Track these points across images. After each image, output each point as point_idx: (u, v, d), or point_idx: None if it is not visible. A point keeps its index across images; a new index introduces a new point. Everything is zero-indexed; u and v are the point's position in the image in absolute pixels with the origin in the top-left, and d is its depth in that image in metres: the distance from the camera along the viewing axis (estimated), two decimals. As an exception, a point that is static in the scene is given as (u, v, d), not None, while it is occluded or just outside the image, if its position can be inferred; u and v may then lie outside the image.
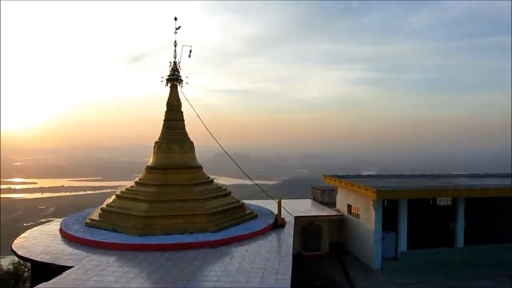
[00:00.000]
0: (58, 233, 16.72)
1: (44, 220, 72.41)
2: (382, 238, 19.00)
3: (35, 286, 10.90)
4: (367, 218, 19.73)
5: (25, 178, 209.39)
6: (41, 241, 15.68)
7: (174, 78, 19.78)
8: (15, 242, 15.51)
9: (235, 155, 24.64)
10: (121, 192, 18.60)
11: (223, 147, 20.82)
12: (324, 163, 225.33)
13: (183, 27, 19.51)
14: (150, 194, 17.37)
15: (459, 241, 19.99)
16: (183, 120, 20.15)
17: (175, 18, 19.48)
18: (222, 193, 19.03)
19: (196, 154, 20.13)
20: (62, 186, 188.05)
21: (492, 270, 18.84)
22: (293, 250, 14.99)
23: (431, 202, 23.11)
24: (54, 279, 11.30)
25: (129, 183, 19.65)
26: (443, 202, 22.74)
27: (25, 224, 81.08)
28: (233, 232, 16.48)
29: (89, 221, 17.52)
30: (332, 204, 24.88)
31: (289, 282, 11.38)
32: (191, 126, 20.37)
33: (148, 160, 19.96)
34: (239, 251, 14.45)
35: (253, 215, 19.13)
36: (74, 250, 14.45)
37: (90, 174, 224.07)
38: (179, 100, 20.01)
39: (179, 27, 19.46)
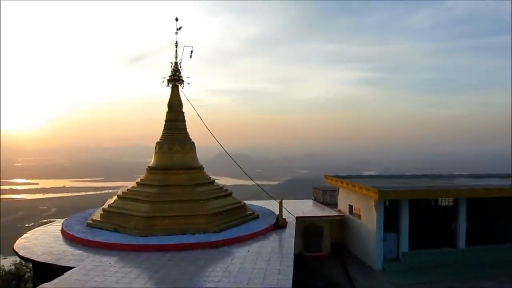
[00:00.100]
0: (60, 233, 16.76)
1: (45, 220, 72.59)
2: (384, 239, 18.98)
3: (37, 287, 10.93)
4: (369, 219, 19.71)
5: (26, 178, 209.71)
6: (42, 241, 15.71)
7: (175, 79, 19.79)
8: (17, 242, 15.54)
9: (236, 156, 24.62)
10: (122, 192, 18.62)
11: (224, 148, 20.83)
12: (324, 163, 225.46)
13: (184, 28, 19.54)
14: (151, 194, 17.38)
15: (461, 241, 19.95)
16: (185, 120, 20.17)
17: (176, 19, 19.48)
18: (223, 193, 19.04)
19: (197, 155, 20.16)
20: (64, 186, 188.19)
21: (494, 270, 18.79)
22: (294, 251, 14.98)
23: (433, 203, 23.07)
24: (56, 280, 11.33)
25: (130, 184, 19.67)
26: (445, 202, 22.69)
27: (26, 224, 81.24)
28: (234, 232, 16.48)
29: (90, 221, 17.54)
30: (333, 204, 24.87)
31: (290, 282, 11.38)
32: (192, 126, 20.42)
33: (149, 160, 19.96)
34: (241, 252, 14.45)
35: (254, 216, 19.14)
36: (75, 250, 14.47)
37: (92, 174, 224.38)
38: (180, 100, 20.02)
39: (180, 28, 19.46)
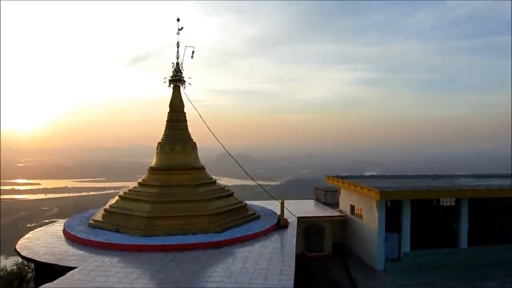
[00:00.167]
0: (62, 234, 16.79)
1: (47, 221, 72.60)
2: (385, 239, 18.94)
3: (39, 287, 10.94)
4: (370, 219, 19.69)
5: (28, 179, 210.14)
6: (44, 242, 15.75)
7: (177, 79, 19.81)
8: (19, 243, 15.59)
9: (238, 156, 24.63)
10: (124, 193, 18.64)
11: (226, 148, 20.84)
12: (324, 163, 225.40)
13: (184, 28, 19.54)
14: (153, 195, 17.40)
15: (463, 241, 19.91)
16: (186, 121, 20.19)
17: (178, 19, 19.50)
18: (225, 193, 19.04)
19: (198, 155, 20.17)
20: (66, 187, 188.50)
21: (496, 271, 18.73)
22: (296, 251, 14.98)
23: (435, 203, 23.02)
24: (58, 280, 11.36)
25: (132, 184, 19.67)
26: (447, 202, 22.64)
27: (28, 225, 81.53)
28: (236, 232, 16.49)
29: (92, 222, 17.56)
30: (335, 204, 24.84)
31: (292, 282, 11.38)
32: (194, 126, 20.44)
33: (151, 161, 19.99)
34: (242, 252, 14.46)
35: (256, 216, 19.14)
36: (77, 251, 14.50)
37: (93, 175, 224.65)
38: (182, 101, 20.03)
39: (182, 28, 19.48)
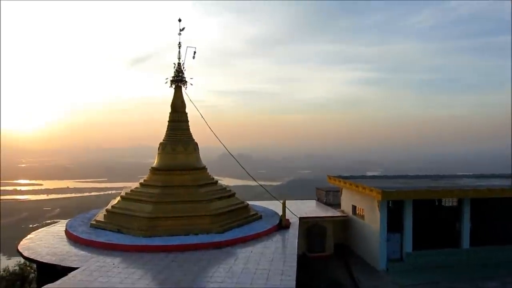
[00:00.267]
0: (64, 234, 16.81)
1: (49, 221, 72.63)
2: (387, 239, 18.92)
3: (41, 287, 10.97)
4: (372, 219, 19.67)
5: (30, 179, 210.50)
6: (46, 242, 15.77)
7: (179, 80, 19.83)
8: (21, 243, 15.62)
9: (239, 156, 24.62)
10: (125, 193, 18.65)
11: (228, 149, 20.84)
12: (325, 163, 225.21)
13: (185, 28, 19.55)
14: (154, 195, 17.41)
15: (465, 242, 19.88)
16: (188, 121, 20.20)
17: (179, 20, 19.53)
18: (227, 194, 19.04)
19: (200, 155, 20.18)
20: (67, 187, 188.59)
21: (498, 271, 18.72)
22: (297, 251, 14.98)
23: (436, 203, 22.99)
24: (60, 280, 11.38)
25: (133, 185, 19.71)
26: (448, 203, 22.61)
27: (30, 225, 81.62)
28: (237, 233, 16.49)
29: (94, 222, 17.59)
30: (336, 205, 24.82)
31: (293, 283, 11.37)
32: (195, 127, 20.45)
33: (152, 161, 20.01)
34: (244, 252, 14.46)
35: (257, 216, 19.14)
36: (79, 251, 14.53)
37: (95, 175, 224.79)
38: (184, 101, 20.05)
39: (183, 29, 19.50)
